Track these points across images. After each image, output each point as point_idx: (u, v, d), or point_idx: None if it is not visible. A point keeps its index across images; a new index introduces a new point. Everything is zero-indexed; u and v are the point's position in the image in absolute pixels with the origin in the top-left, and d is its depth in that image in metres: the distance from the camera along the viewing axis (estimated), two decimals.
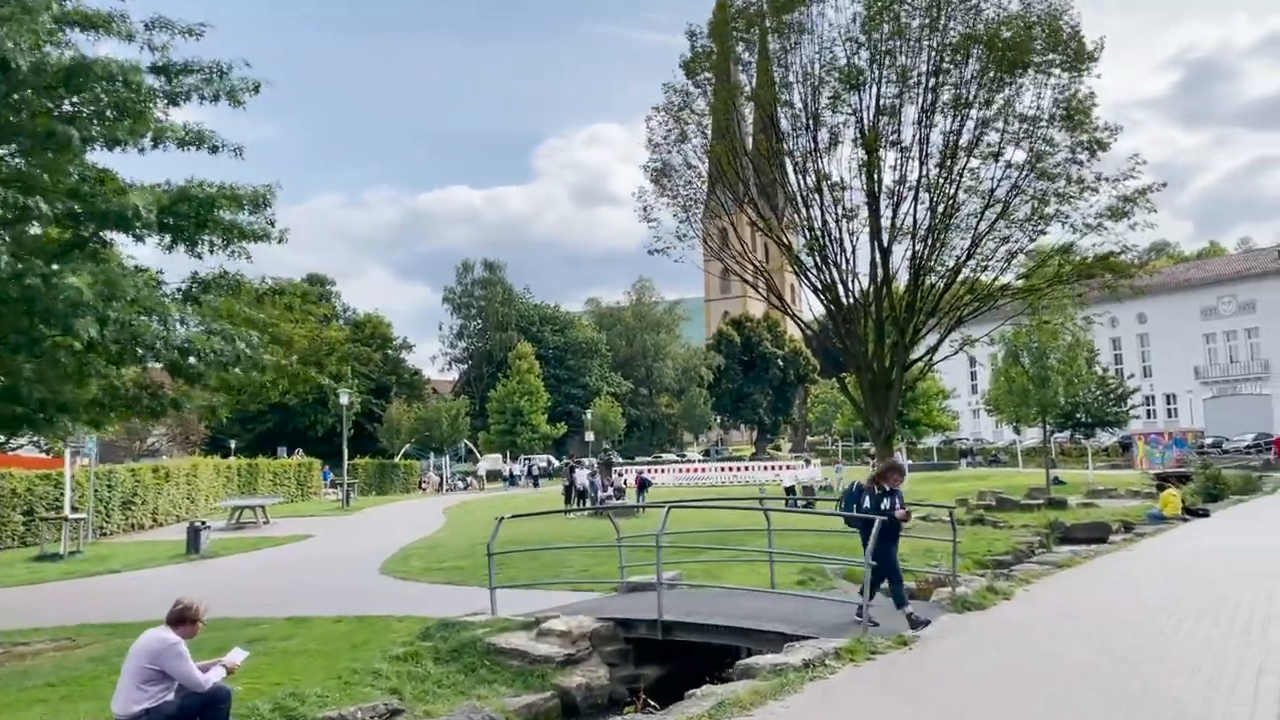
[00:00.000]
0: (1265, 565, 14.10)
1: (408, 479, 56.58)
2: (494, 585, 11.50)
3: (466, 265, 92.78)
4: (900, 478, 10.58)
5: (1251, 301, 71.89)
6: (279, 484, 44.25)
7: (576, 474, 31.20)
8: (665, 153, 23.41)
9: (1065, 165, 21.26)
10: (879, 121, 21.69)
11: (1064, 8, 20.62)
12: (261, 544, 25.23)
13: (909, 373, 24.81)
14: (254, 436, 76.86)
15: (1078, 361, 35.86)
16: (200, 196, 10.79)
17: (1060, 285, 22.91)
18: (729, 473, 54.43)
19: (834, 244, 23.09)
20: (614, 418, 76.82)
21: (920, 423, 47.88)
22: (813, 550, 17.51)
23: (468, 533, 24.58)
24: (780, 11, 21.96)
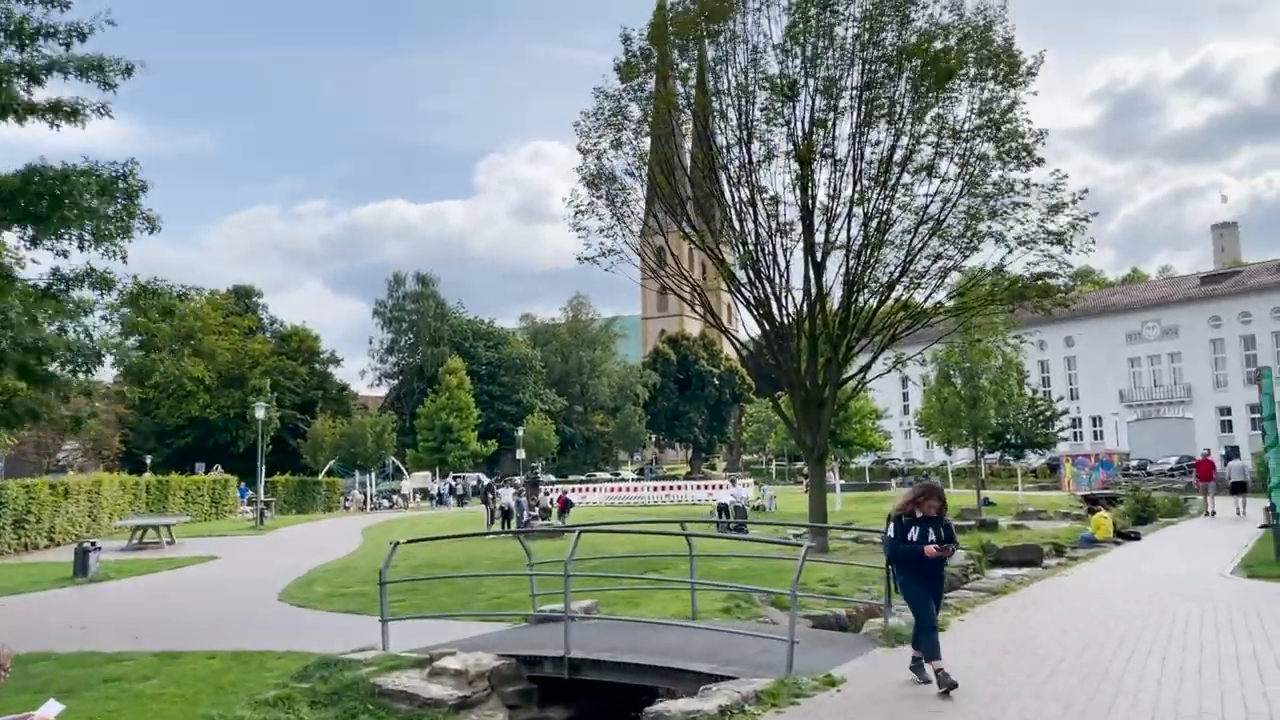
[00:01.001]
0: (1203, 591, 13.66)
1: (330, 497, 54.66)
2: (385, 617, 10.45)
3: (398, 278, 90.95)
4: (937, 504, 8.45)
5: (1175, 326, 73.51)
6: (191, 502, 42.21)
7: (500, 493, 30.07)
8: (596, 159, 22.59)
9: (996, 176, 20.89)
10: (813, 134, 21.13)
11: (996, 19, 20.31)
12: (159, 566, 23.66)
13: (842, 391, 24.24)
14: (172, 452, 74.14)
15: (1009, 382, 35.86)
16: (52, 175, 9.62)
17: (993, 304, 22.53)
18: (662, 492, 53.62)
19: (767, 259, 22.46)
20: (547, 435, 75.56)
21: (853, 442, 47.53)
22: (742, 575, 16.75)
23: (382, 555, 23.32)
24: (712, 19, 21.32)
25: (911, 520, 8.43)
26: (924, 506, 8.42)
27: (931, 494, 8.51)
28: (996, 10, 20.37)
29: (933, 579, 8.49)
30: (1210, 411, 71.62)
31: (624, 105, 22.08)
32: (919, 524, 8.38)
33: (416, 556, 22.22)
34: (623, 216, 23.30)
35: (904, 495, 8.87)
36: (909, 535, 8.36)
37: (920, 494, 8.56)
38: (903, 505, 8.57)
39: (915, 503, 8.48)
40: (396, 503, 57.48)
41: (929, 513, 8.40)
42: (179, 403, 74.82)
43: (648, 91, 22.23)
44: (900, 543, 8.41)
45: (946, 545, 8.36)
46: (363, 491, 57.72)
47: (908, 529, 8.39)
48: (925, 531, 8.33)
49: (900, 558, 8.47)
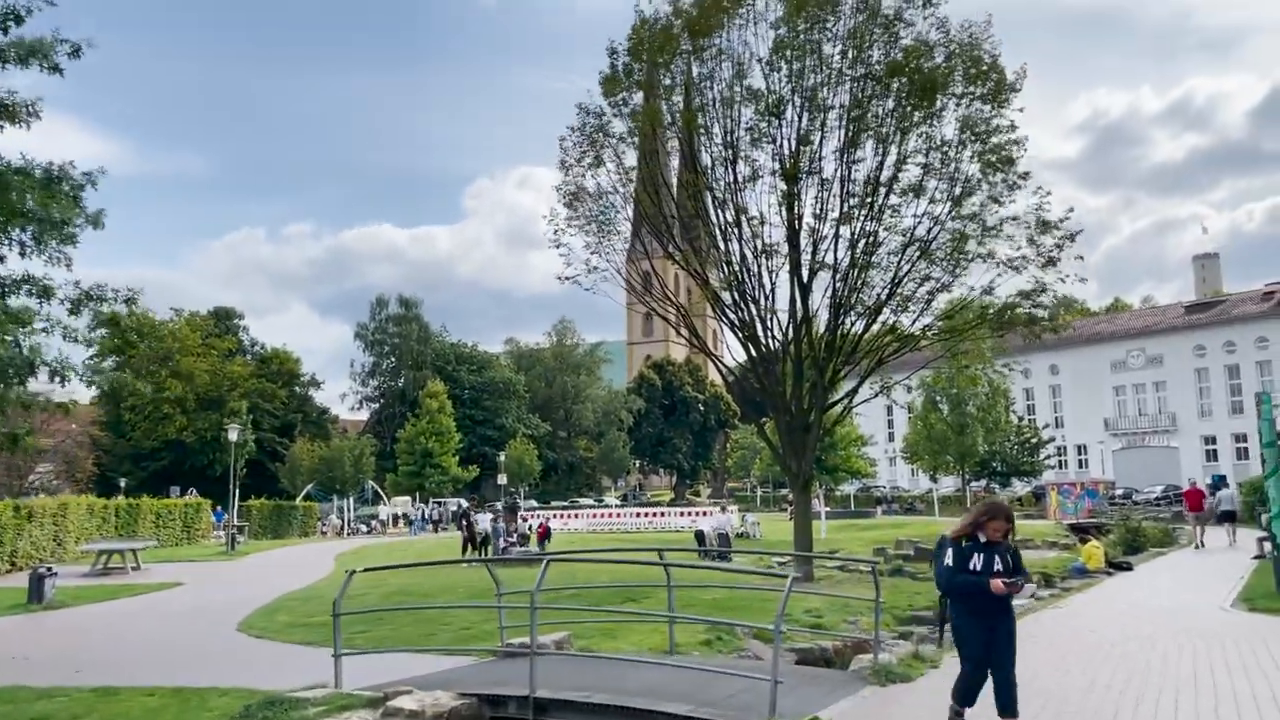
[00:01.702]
0: (1206, 626, 13.07)
1: (306, 522, 53.62)
2: (339, 651, 9.71)
3: (381, 301, 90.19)
4: (1003, 525, 7.02)
5: (1159, 355, 73.38)
6: (163, 526, 41.16)
7: (478, 519, 29.27)
8: (579, 176, 22.07)
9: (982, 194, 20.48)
10: (799, 152, 20.68)
11: (983, 36, 19.96)
12: (120, 593, 22.78)
13: (827, 416, 23.68)
14: (147, 475, 72.95)
15: (996, 409, 35.45)
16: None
17: (981, 326, 22.04)
18: (645, 519, 52.78)
19: (752, 280, 21.94)
20: (530, 460, 74.67)
21: (838, 469, 47.04)
22: (725, 605, 16.06)
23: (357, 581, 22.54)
24: (697, 34, 20.89)
25: (974, 546, 7.01)
26: (989, 529, 7.01)
27: (997, 514, 7.04)
28: (982, 27, 20.03)
29: (999, 619, 7.02)
30: (1195, 441, 71.38)
31: (607, 121, 21.59)
32: (983, 551, 6.97)
33: (389, 584, 21.47)
34: (605, 235, 22.77)
35: (966, 516, 7.38)
36: (970, 564, 6.95)
37: (985, 514, 7.09)
38: (962, 527, 7.17)
39: (978, 525, 7.06)
40: (374, 528, 56.50)
41: (994, 537, 6.99)
42: (155, 425, 73.73)
43: (631, 107, 21.73)
44: (959, 573, 6.99)
45: (1016, 580, 6.93)
46: (340, 516, 56.70)
47: (968, 556, 6.97)
48: (990, 560, 6.93)
49: (959, 592, 7.03)
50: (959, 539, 7.12)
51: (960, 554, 7.04)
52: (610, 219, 22.34)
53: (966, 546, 7.06)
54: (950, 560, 7.06)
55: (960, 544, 7.09)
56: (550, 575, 20.14)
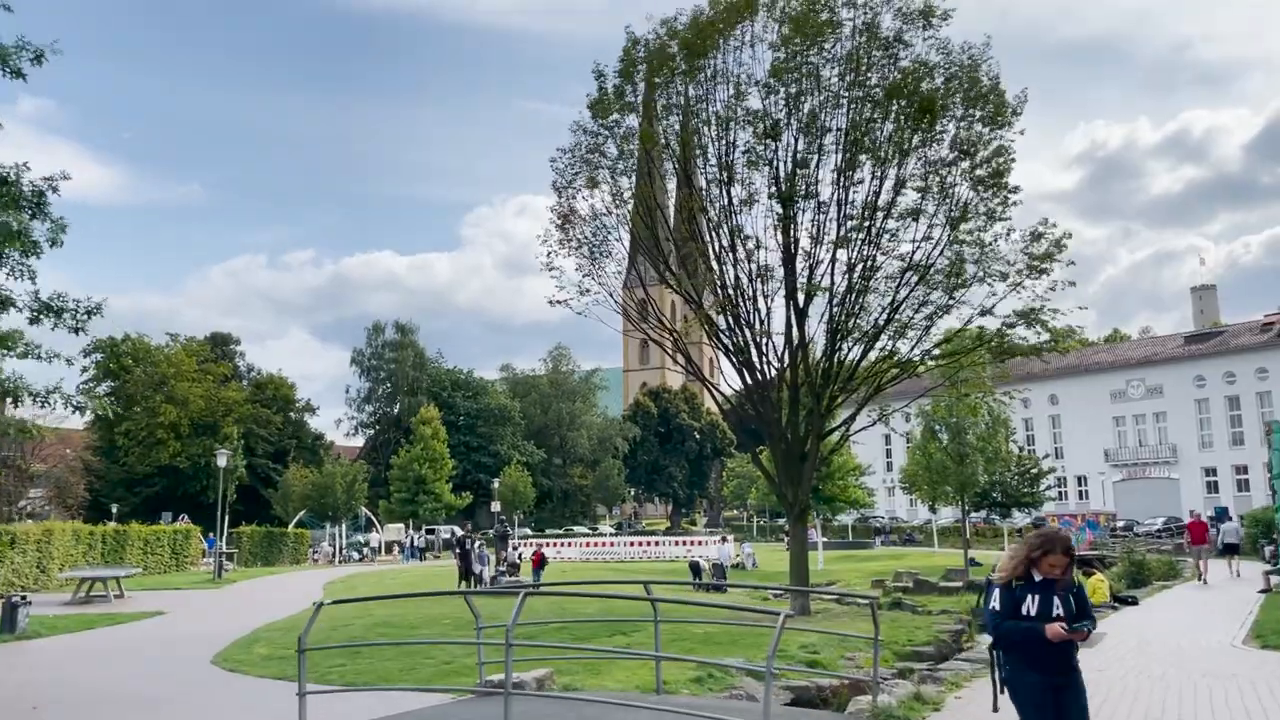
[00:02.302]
0: (1221, 665, 12.54)
1: (298, 549, 52.88)
2: (303, 690, 9.19)
3: (377, 327, 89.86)
4: (1062, 560, 5.76)
5: (1159, 386, 73.01)
6: (151, 553, 40.45)
7: (470, 547, 28.67)
8: (571, 198, 21.76)
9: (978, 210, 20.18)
10: (795, 174, 20.35)
11: (982, 58, 19.70)
12: (98, 622, 22.12)
13: (824, 444, 23.20)
14: (140, 501, 72.10)
15: (997, 439, 34.95)
16: None
17: (979, 350, 21.63)
18: (638, 548, 52.13)
19: (747, 303, 21.55)
20: (524, 488, 73.94)
21: (836, 498, 46.39)
22: (716, 639, 15.51)
23: (339, 611, 21.94)
24: (692, 55, 20.62)
25: (1027, 586, 5.79)
26: (1044, 565, 5.75)
27: (1053, 546, 5.78)
28: (981, 50, 19.78)
29: (1062, 674, 5.76)
30: (1196, 472, 70.87)
31: (601, 142, 21.27)
32: (1039, 591, 5.76)
33: (374, 614, 20.89)
34: (599, 259, 22.41)
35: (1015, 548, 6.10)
36: (1024, 608, 5.73)
37: (1038, 547, 5.81)
38: (1013, 564, 5.90)
39: (1031, 560, 5.81)
40: (366, 556, 55.77)
41: (1051, 574, 5.76)
42: (148, 450, 73.08)
43: (624, 129, 21.45)
44: (1010, 618, 5.76)
45: (1082, 626, 5.68)
46: (332, 544, 55.98)
47: (1021, 598, 5.76)
48: (1048, 602, 5.71)
49: (1011, 641, 5.80)
50: (1009, 580, 5.85)
51: (1010, 597, 5.78)
52: (604, 241, 22.01)
53: (1018, 588, 5.79)
54: (997, 603, 5.82)
55: (1011, 586, 5.82)
56: (538, 607, 19.67)
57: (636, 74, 21.54)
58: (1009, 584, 5.82)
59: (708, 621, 15.10)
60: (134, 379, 74.88)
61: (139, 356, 76.88)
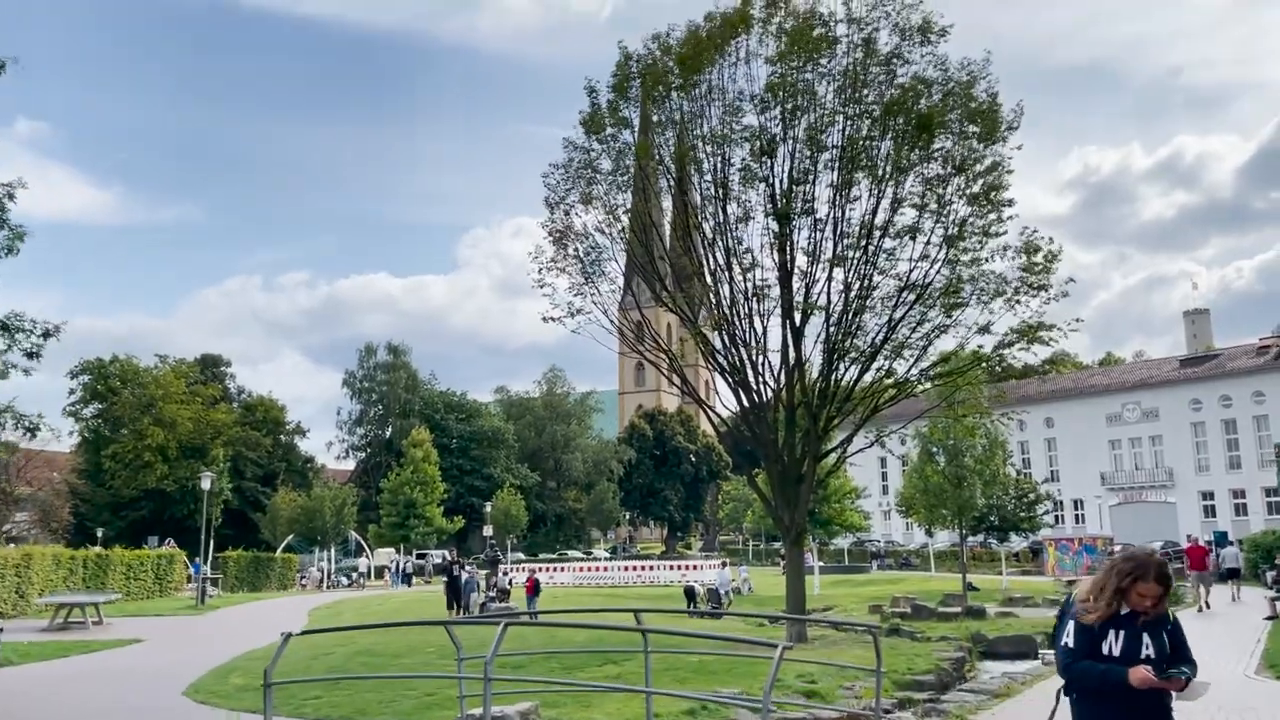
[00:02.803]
0: (1235, 698, 12.03)
1: (285, 574, 52.08)
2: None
3: (369, 348, 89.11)
4: (1155, 589, 4.56)
5: (1155, 409, 72.70)
6: (134, 578, 39.73)
7: (458, 573, 27.99)
8: (564, 214, 21.36)
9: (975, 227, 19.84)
10: (792, 191, 19.97)
11: (981, 75, 19.40)
12: (72, 650, 21.50)
13: (821, 466, 22.72)
14: (126, 524, 71.14)
15: (995, 461, 34.51)
16: None
17: (976, 368, 21.20)
18: (633, 573, 51.44)
19: (742, 322, 21.12)
20: (517, 511, 73.20)
21: (832, 522, 45.86)
22: (711, 668, 14.98)
23: (321, 639, 21.33)
24: (687, 71, 20.28)
25: (1110, 621, 4.58)
26: (1133, 596, 4.53)
27: (1145, 572, 4.51)
28: (980, 66, 19.47)
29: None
30: (1193, 496, 70.43)
31: (593, 158, 20.90)
32: (1124, 626, 4.57)
33: (357, 642, 20.30)
34: (592, 277, 21.98)
35: (1097, 575, 4.78)
36: (1105, 647, 4.57)
37: (1127, 572, 4.55)
38: (1105, 597, 4.59)
39: (1119, 590, 4.56)
40: (356, 581, 54.95)
41: (1141, 606, 4.55)
42: (135, 473, 72.11)
43: (619, 145, 21.07)
44: (1086, 657, 4.58)
45: (1178, 673, 4.50)
46: (321, 569, 55.16)
47: (1102, 634, 4.57)
48: (1136, 640, 4.54)
49: (1087, 685, 4.60)
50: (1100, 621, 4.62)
51: (1086, 632, 4.60)
52: (597, 260, 21.60)
53: (1100, 623, 4.63)
54: (1071, 639, 4.63)
55: (1091, 625, 4.62)
56: (527, 636, 19.08)
57: (630, 89, 21.21)
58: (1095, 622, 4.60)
59: (702, 652, 14.54)
60: (121, 401, 74.10)
61: (127, 378, 76.15)
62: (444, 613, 26.28)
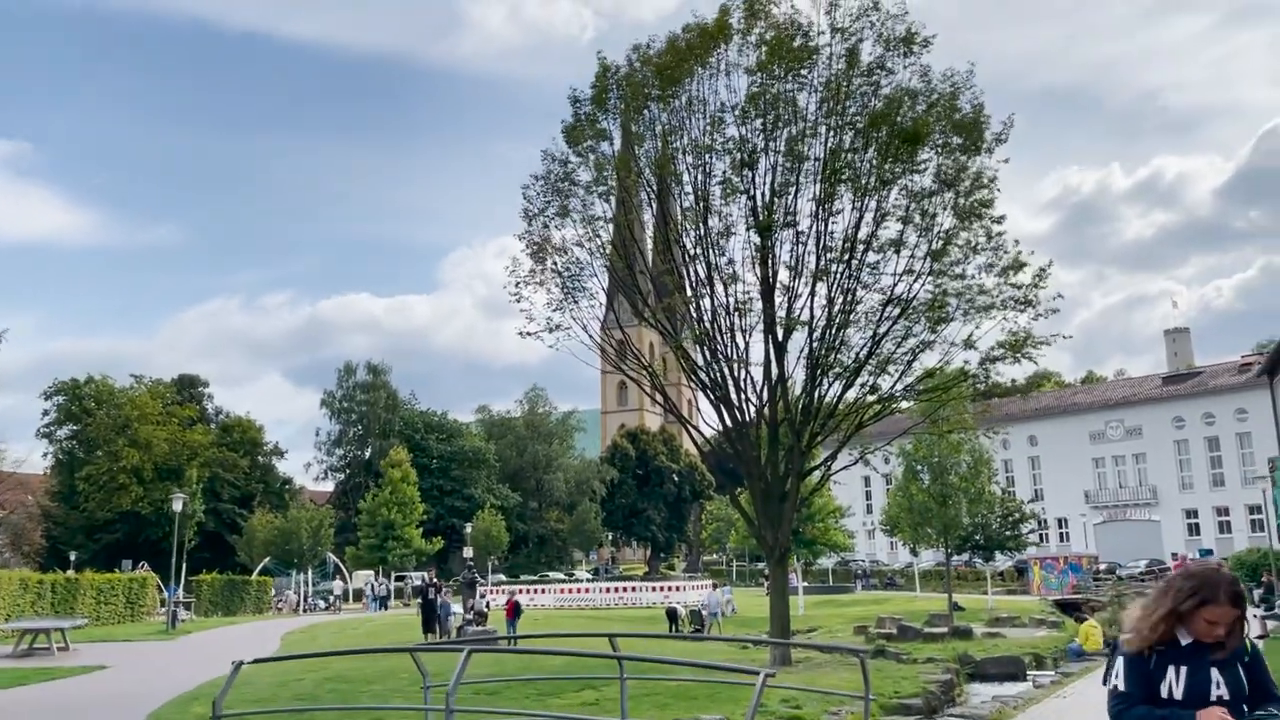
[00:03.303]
0: None
1: (261, 598, 51.14)
2: None
3: (349, 368, 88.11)
4: (1229, 612, 3.55)
5: (1138, 427, 72.71)
6: (104, 602, 38.81)
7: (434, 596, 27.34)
8: (543, 227, 20.95)
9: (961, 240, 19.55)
10: (773, 204, 19.63)
11: (964, 85, 19.14)
12: (32, 678, 20.69)
13: (805, 484, 22.29)
14: (100, 548, 69.95)
15: (980, 479, 34.17)
16: None
17: (961, 383, 20.86)
18: (614, 594, 50.78)
19: (724, 337, 20.71)
20: (498, 532, 72.41)
21: (816, 541, 45.37)
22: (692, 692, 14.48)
23: (293, 665, 20.67)
24: (666, 83, 19.93)
25: (1170, 654, 3.63)
26: (1199, 622, 3.58)
27: (1215, 592, 3.56)
28: (964, 77, 19.23)
29: None
30: (1177, 514, 70.37)
31: (573, 169, 20.52)
32: (1187, 661, 3.61)
33: (330, 668, 19.65)
34: (571, 292, 21.55)
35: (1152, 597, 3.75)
36: (1165, 688, 3.60)
37: (1194, 593, 3.58)
38: (1151, 622, 3.64)
39: (1179, 615, 3.60)
40: (333, 604, 54.04)
41: (1213, 637, 3.58)
42: (110, 495, 70.91)
43: (597, 156, 20.69)
44: (1143, 701, 3.61)
45: (1267, 715, 3.56)
46: (297, 592, 54.24)
47: (1159, 673, 3.62)
48: (1202, 677, 3.57)
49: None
50: (1144, 648, 3.63)
51: (1141, 670, 3.62)
52: (577, 275, 21.18)
53: (1155, 656, 3.62)
54: (1122, 676, 3.65)
55: (1145, 655, 3.64)
56: (504, 660, 18.52)
57: (609, 101, 20.87)
58: (1143, 652, 3.63)
59: (683, 678, 14.01)
60: (96, 422, 73.00)
61: (102, 399, 75.07)
62: (420, 637, 25.60)
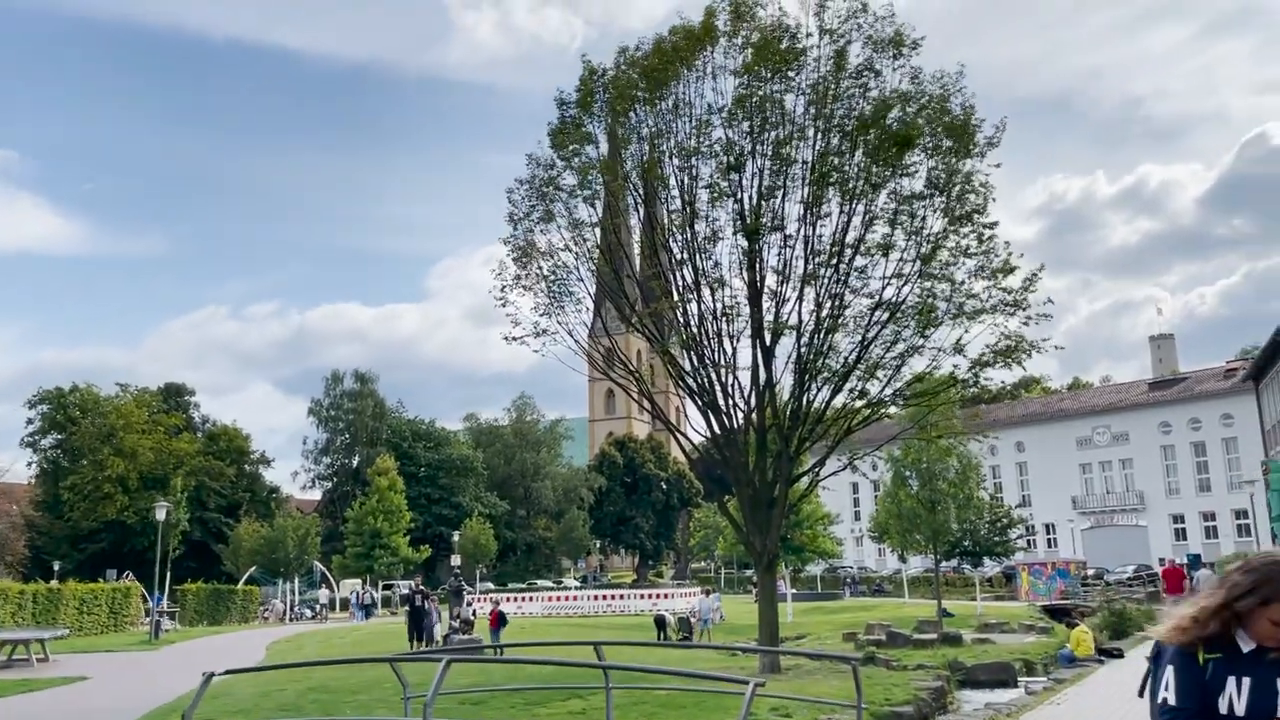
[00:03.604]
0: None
1: (247, 607, 50.69)
2: None
3: (336, 376, 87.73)
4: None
5: (1125, 433, 72.89)
6: (87, 613, 38.38)
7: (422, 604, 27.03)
8: (528, 231, 20.77)
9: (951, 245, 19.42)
10: (761, 207, 19.49)
11: (955, 88, 19.05)
12: (10, 690, 20.33)
13: (793, 490, 22.11)
14: (85, 557, 69.42)
15: (969, 484, 34.10)
16: None
17: (951, 388, 20.73)
18: (603, 602, 50.52)
19: (712, 343, 20.54)
20: (486, 540, 72.07)
21: (805, 548, 45.23)
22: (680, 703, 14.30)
23: (273, 676, 20.39)
24: (653, 84, 19.79)
25: (1229, 660, 2.91)
26: (1262, 623, 2.89)
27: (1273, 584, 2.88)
28: (953, 79, 19.13)
29: None
30: (1164, 519, 70.55)
31: (558, 174, 20.35)
32: (1251, 669, 2.89)
33: (313, 677, 19.39)
34: (557, 296, 21.35)
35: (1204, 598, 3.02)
36: (1223, 701, 2.89)
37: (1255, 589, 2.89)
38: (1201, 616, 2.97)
39: (1236, 614, 2.91)
40: (320, 613, 53.64)
41: (1275, 641, 2.87)
42: (95, 505, 70.27)
43: (581, 160, 20.52)
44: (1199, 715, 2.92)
45: None
46: (284, 601, 53.80)
47: (1218, 682, 2.91)
48: (1270, 689, 2.85)
49: None
50: (1194, 643, 2.96)
51: (1195, 678, 2.94)
52: (564, 279, 20.99)
53: (1213, 663, 2.94)
54: (1172, 687, 2.97)
55: (1195, 657, 2.96)
56: (490, 669, 18.27)
57: (595, 104, 20.72)
58: (1193, 653, 2.96)
59: (672, 687, 13.82)
60: (81, 431, 72.36)
61: (87, 408, 74.44)
62: (406, 645, 25.31)
